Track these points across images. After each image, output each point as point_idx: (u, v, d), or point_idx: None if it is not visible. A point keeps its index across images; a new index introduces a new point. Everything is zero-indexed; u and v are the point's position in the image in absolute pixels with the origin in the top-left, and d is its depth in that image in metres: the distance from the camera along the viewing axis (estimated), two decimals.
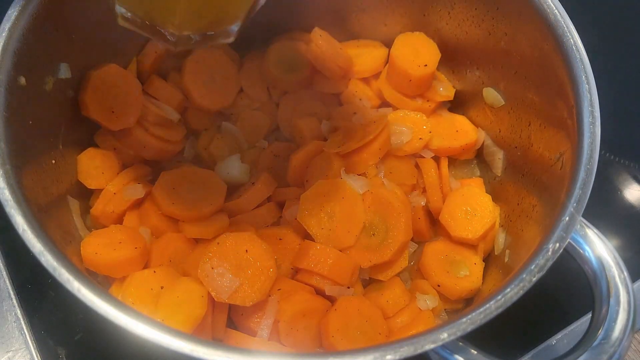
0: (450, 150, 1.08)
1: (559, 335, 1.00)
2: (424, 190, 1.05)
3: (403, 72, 1.07)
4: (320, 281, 0.92)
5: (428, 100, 1.11)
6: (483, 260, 1.00)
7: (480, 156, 1.12)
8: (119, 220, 0.97)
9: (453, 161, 1.11)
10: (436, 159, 1.08)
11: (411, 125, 1.06)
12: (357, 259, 0.93)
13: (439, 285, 0.96)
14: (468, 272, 0.97)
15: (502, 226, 1.01)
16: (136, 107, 1.01)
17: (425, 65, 1.07)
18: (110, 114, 0.98)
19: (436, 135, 1.08)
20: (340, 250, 0.93)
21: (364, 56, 1.15)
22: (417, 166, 1.07)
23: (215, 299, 0.84)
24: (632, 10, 1.43)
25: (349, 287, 0.92)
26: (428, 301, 0.94)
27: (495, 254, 1.00)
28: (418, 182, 1.05)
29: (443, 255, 0.99)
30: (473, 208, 1.00)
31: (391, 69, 1.10)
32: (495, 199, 1.04)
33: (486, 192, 1.06)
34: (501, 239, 0.99)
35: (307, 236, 0.95)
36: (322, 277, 0.91)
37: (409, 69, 1.06)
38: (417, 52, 1.08)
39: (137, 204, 0.98)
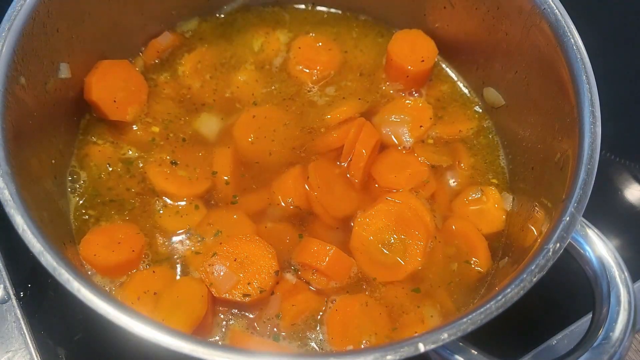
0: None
1: (559, 336, 0.99)
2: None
3: (400, 67, 1.07)
4: (317, 277, 0.91)
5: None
6: None
7: None
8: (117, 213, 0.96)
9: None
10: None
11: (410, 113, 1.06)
12: (371, 272, 0.92)
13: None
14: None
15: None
16: (138, 105, 1.02)
17: (422, 60, 1.07)
18: (111, 102, 0.98)
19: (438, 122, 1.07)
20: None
21: None
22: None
23: (215, 295, 0.84)
24: (632, 10, 1.42)
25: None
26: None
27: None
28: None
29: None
30: (484, 217, 1.00)
31: (388, 65, 1.10)
32: None
33: None
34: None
35: (308, 232, 0.95)
36: (319, 272, 0.91)
37: (406, 64, 1.07)
38: (414, 48, 1.08)
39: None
